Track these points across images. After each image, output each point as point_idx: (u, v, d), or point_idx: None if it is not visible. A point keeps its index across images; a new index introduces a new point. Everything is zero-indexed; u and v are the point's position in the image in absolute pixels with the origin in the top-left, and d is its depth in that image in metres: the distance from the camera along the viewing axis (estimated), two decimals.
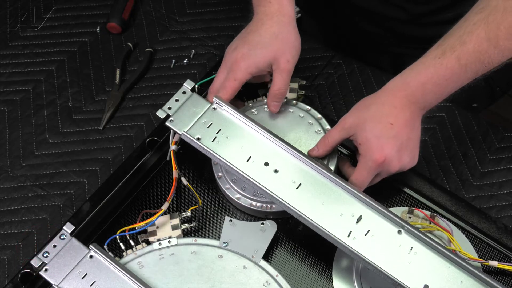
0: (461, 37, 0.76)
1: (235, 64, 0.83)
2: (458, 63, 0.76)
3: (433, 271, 0.72)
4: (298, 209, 0.76)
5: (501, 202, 0.89)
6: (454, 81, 0.77)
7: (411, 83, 0.78)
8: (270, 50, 0.83)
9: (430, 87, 0.78)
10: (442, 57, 0.77)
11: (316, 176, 0.78)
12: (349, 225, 0.75)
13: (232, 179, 0.85)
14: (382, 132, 0.78)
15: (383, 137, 0.77)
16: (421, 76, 0.78)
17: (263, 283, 0.77)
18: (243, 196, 0.85)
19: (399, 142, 0.78)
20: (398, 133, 0.78)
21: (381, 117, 0.78)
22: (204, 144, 0.81)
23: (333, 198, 0.77)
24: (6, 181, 0.93)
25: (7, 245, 0.87)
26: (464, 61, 0.76)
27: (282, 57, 0.84)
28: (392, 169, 0.79)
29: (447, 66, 0.76)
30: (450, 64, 0.76)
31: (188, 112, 0.84)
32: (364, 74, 1.02)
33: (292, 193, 0.77)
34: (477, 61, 0.76)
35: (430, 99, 0.79)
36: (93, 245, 0.76)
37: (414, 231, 0.74)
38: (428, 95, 0.78)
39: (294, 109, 0.89)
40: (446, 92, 0.78)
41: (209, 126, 0.83)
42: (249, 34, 0.85)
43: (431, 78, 0.77)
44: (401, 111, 0.78)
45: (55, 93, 1.01)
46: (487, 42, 0.75)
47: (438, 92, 0.78)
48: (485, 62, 0.76)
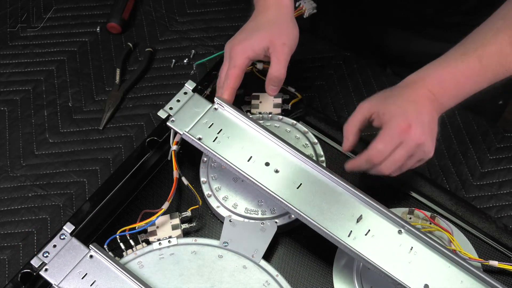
0: (485, 39, 0.76)
1: (233, 50, 0.83)
2: (479, 62, 0.76)
3: (433, 271, 0.72)
4: (298, 209, 0.76)
5: (501, 202, 0.89)
6: (474, 81, 0.77)
7: (430, 78, 0.77)
8: (266, 33, 0.83)
9: (448, 85, 0.77)
10: (463, 55, 0.76)
11: (316, 176, 0.78)
12: (349, 225, 0.75)
13: (215, 187, 0.85)
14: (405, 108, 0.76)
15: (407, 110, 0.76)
16: (441, 72, 0.77)
17: (263, 283, 0.77)
18: (222, 206, 0.84)
19: (422, 119, 0.76)
20: (420, 115, 0.76)
21: (402, 104, 0.77)
22: (205, 144, 0.81)
23: (333, 198, 0.77)
24: (6, 181, 0.93)
25: (7, 245, 0.87)
26: (485, 61, 0.75)
27: (278, 40, 0.83)
28: (418, 139, 0.75)
29: (468, 65, 0.76)
30: (471, 63, 0.76)
31: (189, 112, 0.84)
32: (364, 74, 1.02)
33: (292, 193, 0.77)
34: (498, 64, 0.76)
35: (448, 98, 0.78)
36: (93, 245, 0.76)
37: (415, 231, 0.74)
38: (446, 92, 0.77)
39: (280, 124, 0.90)
40: (465, 92, 0.77)
41: (210, 126, 0.83)
42: (247, 24, 0.86)
43: (450, 75, 0.76)
44: (420, 106, 0.76)
45: (55, 93, 1.01)
46: (510, 46, 0.75)
47: (456, 91, 0.77)
48: (507, 65, 0.76)
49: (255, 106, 0.92)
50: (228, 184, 0.84)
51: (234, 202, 0.83)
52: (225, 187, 0.84)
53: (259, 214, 0.82)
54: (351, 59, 1.04)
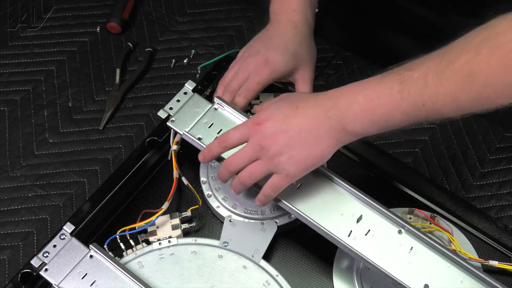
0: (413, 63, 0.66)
1: (259, 67, 0.84)
2: (399, 85, 0.65)
3: (433, 271, 0.72)
4: (298, 209, 0.76)
5: (501, 202, 0.89)
6: (388, 109, 0.66)
7: (342, 98, 0.69)
8: (295, 58, 0.84)
9: (358, 108, 0.68)
10: (384, 77, 0.67)
11: (316, 176, 0.78)
12: (349, 225, 0.75)
13: (215, 187, 0.85)
14: (283, 104, 0.72)
15: (275, 111, 0.71)
16: (355, 93, 0.69)
17: (263, 283, 0.77)
18: (222, 206, 0.84)
19: (290, 126, 0.70)
20: (289, 120, 0.70)
21: (293, 100, 0.72)
22: (205, 144, 0.81)
23: (333, 198, 0.77)
24: (6, 181, 0.92)
25: (7, 245, 0.87)
26: (406, 87, 0.65)
27: (305, 67, 0.85)
28: (262, 140, 0.70)
29: (385, 86, 0.66)
30: (389, 84, 0.66)
31: (189, 112, 0.84)
32: (364, 74, 1.02)
33: (293, 193, 0.77)
34: (417, 95, 0.64)
35: (353, 122, 0.68)
36: (93, 245, 0.76)
37: (415, 231, 0.74)
38: (353, 116, 0.68)
39: None
40: (375, 118, 0.67)
41: (210, 126, 0.83)
42: (272, 39, 0.85)
43: (364, 97, 0.67)
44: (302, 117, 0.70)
45: (55, 93, 1.01)
46: (434, 75, 0.63)
47: (366, 112, 0.67)
48: (425, 98, 0.64)
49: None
50: (228, 184, 0.84)
51: (234, 202, 0.83)
52: (225, 187, 0.84)
53: (259, 214, 0.82)
54: (351, 59, 1.04)
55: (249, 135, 0.72)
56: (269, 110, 0.73)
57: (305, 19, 0.86)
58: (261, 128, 0.71)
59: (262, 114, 0.72)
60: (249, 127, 0.72)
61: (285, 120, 0.70)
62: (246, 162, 0.73)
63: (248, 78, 0.85)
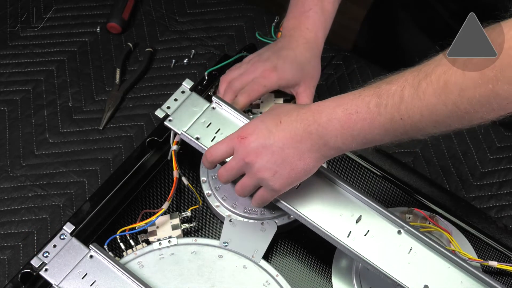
0: (392, 76, 0.65)
1: (267, 72, 0.85)
2: (376, 99, 0.65)
3: (432, 272, 0.72)
4: (297, 210, 0.76)
5: (501, 202, 0.89)
6: (366, 124, 0.66)
7: (322, 113, 0.69)
8: (302, 72, 0.85)
9: (338, 118, 0.67)
10: (364, 90, 0.67)
11: (315, 176, 0.78)
12: (348, 225, 0.75)
13: (215, 187, 0.85)
14: (267, 118, 0.72)
15: (264, 121, 0.72)
16: (334, 107, 0.68)
17: (263, 283, 0.77)
18: (222, 205, 0.84)
19: (273, 142, 0.70)
20: (271, 135, 0.71)
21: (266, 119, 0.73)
22: (203, 143, 0.81)
23: (332, 198, 0.77)
24: (6, 181, 0.93)
25: (7, 245, 0.87)
26: (383, 100, 0.64)
27: (309, 82, 0.86)
28: (246, 156, 0.71)
29: (363, 100, 0.66)
30: (367, 98, 0.66)
31: (187, 112, 0.84)
32: (364, 74, 1.02)
33: (291, 193, 0.77)
34: (394, 108, 0.63)
35: (334, 137, 0.68)
36: (93, 245, 0.76)
37: (414, 232, 0.74)
38: (333, 131, 0.68)
39: None
40: (354, 133, 0.67)
41: (208, 125, 0.83)
42: (283, 50, 0.86)
43: (343, 111, 0.67)
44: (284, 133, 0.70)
45: (55, 93, 1.01)
46: (411, 88, 0.62)
47: (346, 128, 0.67)
48: (402, 112, 0.63)
49: (256, 105, 0.92)
50: (228, 184, 0.84)
51: (234, 202, 0.83)
52: (225, 187, 0.84)
53: (258, 214, 0.82)
54: (351, 59, 1.04)
55: (234, 149, 0.73)
56: (254, 123, 0.73)
57: (316, 38, 0.87)
58: (245, 142, 0.72)
59: (247, 127, 0.73)
60: (233, 141, 0.73)
61: (268, 135, 0.71)
62: (234, 176, 0.75)
63: (254, 80, 0.85)
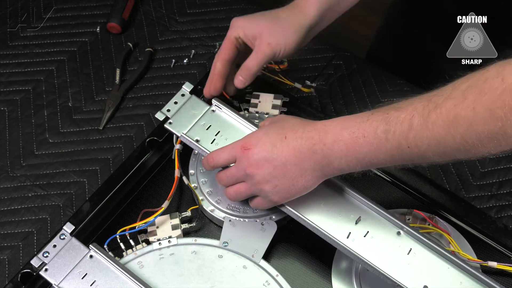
0: (402, 102, 0.65)
1: (235, 21, 0.85)
2: (384, 125, 0.65)
3: (432, 272, 0.72)
4: (297, 211, 0.76)
5: (501, 202, 0.89)
6: (372, 144, 0.66)
7: (329, 134, 0.69)
8: (262, 25, 0.83)
9: (343, 145, 0.67)
10: (372, 115, 0.66)
11: None
12: (348, 226, 0.75)
13: (207, 191, 0.84)
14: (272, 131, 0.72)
15: (269, 133, 0.72)
16: (340, 129, 0.68)
17: (263, 283, 0.77)
18: (216, 209, 0.83)
19: (276, 156, 0.70)
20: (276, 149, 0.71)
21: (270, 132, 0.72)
22: (203, 146, 0.81)
23: (332, 199, 0.77)
24: (6, 181, 0.93)
25: (7, 245, 0.87)
26: (391, 127, 0.64)
27: (267, 38, 0.82)
28: (248, 167, 0.72)
29: (371, 125, 0.66)
30: (375, 123, 0.65)
31: (187, 114, 0.84)
32: (364, 75, 1.02)
33: None
34: (402, 136, 0.64)
35: (339, 158, 0.68)
36: (93, 245, 0.76)
37: (413, 233, 0.74)
38: (338, 152, 0.68)
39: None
40: (359, 157, 0.67)
41: (208, 128, 0.83)
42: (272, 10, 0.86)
43: (350, 134, 0.67)
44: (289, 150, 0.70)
45: (55, 93, 1.01)
46: (420, 117, 0.62)
47: (351, 150, 0.67)
48: (409, 141, 0.63)
49: (254, 105, 0.92)
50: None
51: (218, 198, 0.83)
52: (217, 190, 0.83)
53: (255, 212, 0.81)
54: (351, 59, 1.04)
55: (236, 158, 0.74)
56: (258, 135, 0.73)
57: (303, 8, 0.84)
58: (247, 154, 0.72)
59: (251, 138, 0.73)
60: (236, 150, 0.73)
61: (272, 149, 0.71)
62: (233, 182, 0.76)
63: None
